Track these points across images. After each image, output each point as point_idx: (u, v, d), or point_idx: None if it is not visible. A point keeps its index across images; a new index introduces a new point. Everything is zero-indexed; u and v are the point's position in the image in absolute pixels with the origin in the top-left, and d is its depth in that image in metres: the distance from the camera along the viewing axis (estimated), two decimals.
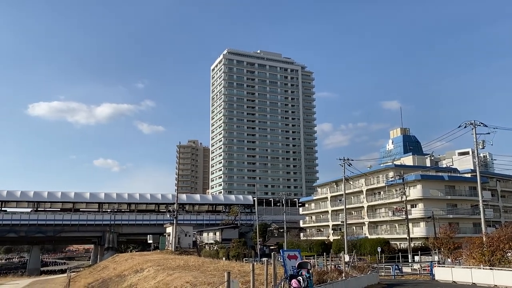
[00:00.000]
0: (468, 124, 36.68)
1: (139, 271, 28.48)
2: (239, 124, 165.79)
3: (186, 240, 61.20)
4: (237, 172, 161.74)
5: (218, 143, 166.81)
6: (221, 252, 64.69)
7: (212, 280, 17.47)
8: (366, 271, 26.21)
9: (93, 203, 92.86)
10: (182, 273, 21.07)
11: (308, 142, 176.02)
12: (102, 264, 54.02)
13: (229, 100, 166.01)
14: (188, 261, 29.81)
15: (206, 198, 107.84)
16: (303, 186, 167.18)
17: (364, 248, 55.57)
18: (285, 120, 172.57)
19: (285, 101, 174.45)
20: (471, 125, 36.55)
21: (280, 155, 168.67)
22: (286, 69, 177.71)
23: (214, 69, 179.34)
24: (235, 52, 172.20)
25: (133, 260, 37.94)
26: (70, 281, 39.46)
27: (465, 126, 36.84)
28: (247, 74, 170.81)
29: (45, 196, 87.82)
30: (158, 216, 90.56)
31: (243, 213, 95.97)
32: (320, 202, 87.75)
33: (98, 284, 32.90)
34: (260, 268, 17.51)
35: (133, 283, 24.45)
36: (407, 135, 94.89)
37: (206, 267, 24.54)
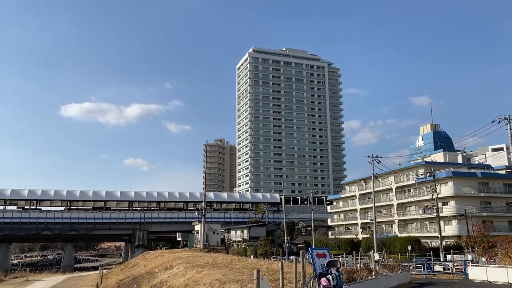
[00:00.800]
0: (502, 119, 35.42)
1: (169, 268, 28.87)
2: (265, 122, 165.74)
3: (214, 238, 61.77)
4: (263, 170, 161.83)
5: (244, 142, 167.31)
6: (249, 250, 64.89)
7: (241, 277, 17.53)
8: (396, 270, 25.76)
9: (123, 202, 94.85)
10: (211, 271, 21.24)
11: (336, 140, 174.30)
12: (132, 261, 55.10)
13: (255, 98, 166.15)
14: (217, 258, 30.03)
15: (233, 196, 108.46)
16: (331, 184, 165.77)
17: (394, 247, 54.66)
18: (311, 118, 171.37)
19: (312, 99, 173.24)
20: (505, 120, 35.28)
21: (307, 153, 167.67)
22: (312, 66, 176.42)
23: (239, 68, 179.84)
24: (261, 50, 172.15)
25: (163, 258, 38.51)
26: (102, 278, 40.44)
27: (499, 121, 35.60)
28: (273, 72, 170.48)
29: (78, 195, 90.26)
30: (187, 214, 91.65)
31: (270, 211, 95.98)
32: (348, 200, 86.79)
33: (129, 281, 33.55)
34: (288, 266, 17.45)
35: (163, 280, 24.80)
36: (438, 131, 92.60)
37: (235, 264, 24.64)
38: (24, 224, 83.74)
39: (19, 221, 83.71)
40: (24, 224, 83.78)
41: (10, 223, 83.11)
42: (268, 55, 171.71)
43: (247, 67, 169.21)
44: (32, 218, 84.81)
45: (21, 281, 46.88)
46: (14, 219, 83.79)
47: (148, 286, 24.67)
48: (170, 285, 22.01)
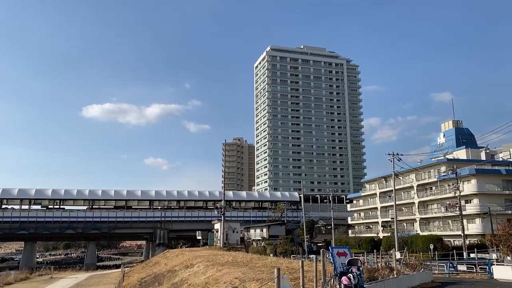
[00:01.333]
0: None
1: (189, 266, 29.08)
2: (283, 120, 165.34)
3: (233, 237, 61.98)
4: (282, 168, 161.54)
5: (263, 140, 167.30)
6: (269, 249, 64.87)
7: (261, 276, 17.52)
8: (418, 269, 25.36)
9: (144, 201, 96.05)
10: (231, 269, 21.30)
11: (355, 137, 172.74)
12: (154, 260, 55.71)
13: (272, 97, 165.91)
14: (237, 257, 30.10)
15: (252, 195, 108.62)
16: (351, 182, 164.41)
17: (416, 245, 53.87)
18: (330, 116, 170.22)
19: (330, 96, 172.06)
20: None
21: (326, 151, 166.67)
22: (330, 63, 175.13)
23: (257, 67, 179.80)
24: (278, 48, 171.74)
25: (183, 256, 38.81)
26: (124, 276, 41.01)
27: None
28: (291, 70, 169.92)
29: (99, 194, 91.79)
30: (206, 213, 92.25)
31: (290, 210, 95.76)
32: (369, 199, 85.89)
33: (150, 279, 33.93)
34: (308, 265, 17.36)
35: (184, 278, 24.99)
36: (460, 127, 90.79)
37: (254, 263, 24.65)
38: (48, 223, 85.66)
39: (43, 220, 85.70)
40: (48, 223, 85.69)
41: (35, 222, 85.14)
42: (286, 53, 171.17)
43: (265, 65, 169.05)
44: (56, 217, 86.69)
45: (46, 279, 47.95)
46: (39, 218, 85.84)
47: (169, 284, 24.90)
48: (190, 283, 22.15)
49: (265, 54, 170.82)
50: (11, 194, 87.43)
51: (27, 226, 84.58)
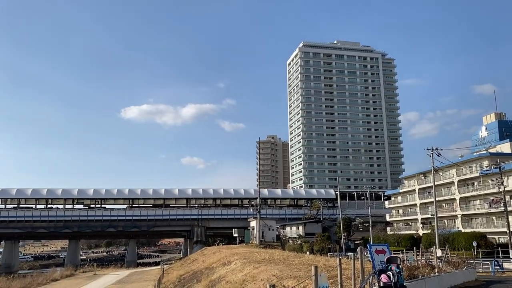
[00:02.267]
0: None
1: (226, 263, 29.36)
2: (317, 117, 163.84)
3: (269, 234, 62.07)
4: (317, 166, 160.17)
5: (297, 137, 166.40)
6: (305, 246, 64.60)
7: (298, 274, 17.48)
8: (461, 267, 24.56)
9: (181, 199, 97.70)
10: (268, 267, 21.35)
11: (392, 133, 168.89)
12: (192, 257, 56.60)
13: (306, 93, 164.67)
14: (273, 254, 30.13)
15: (287, 192, 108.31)
16: (388, 178, 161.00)
17: (458, 243, 52.17)
18: (366, 111, 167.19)
19: (365, 91, 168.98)
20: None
21: (362, 147, 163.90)
22: (365, 57, 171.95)
23: (290, 63, 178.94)
24: (311, 44, 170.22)
25: (221, 253, 39.21)
26: (163, 273, 41.93)
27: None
28: (324, 65, 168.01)
29: (139, 193, 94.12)
30: (242, 211, 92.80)
31: (326, 207, 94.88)
32: (407, 195, 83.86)
33: (189, 276, 34.50)
34: (346, 262, 17.17)
35: (222, 275, 25.26)
36: (503, 120, 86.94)
37: (291, 261, 24.61)
38: (90, 222, 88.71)
39: (85, 219, 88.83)
40: (91, 221, 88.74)
41: (78, 220, 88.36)
42: (319, 49, 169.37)
43: (298, 62, 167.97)
44: (98, 216, 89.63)
45: (90, 276, 49.68)
46: (81, 217, 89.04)
47: (207, 281, 25.24)
48: (228, 280, 22.37)
49: (297, 50, 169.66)
50: (56, 194, 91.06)
51: (71, 224, 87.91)
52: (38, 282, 40.03)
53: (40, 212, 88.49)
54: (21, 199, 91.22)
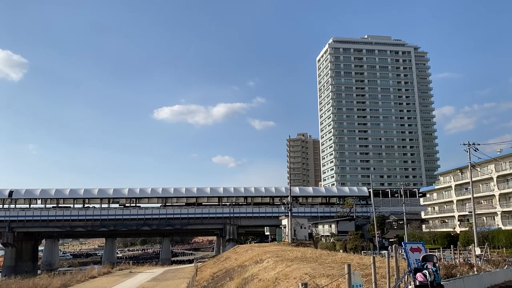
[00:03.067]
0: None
1: (259, 262, 29.40)
2: (348, 113, 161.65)
3: (301, 232, 61.73)
4: (349, 163, 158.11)
5: (328, 135, 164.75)
6: (338, 245, 63.91)
7: (331, 272, 17.28)
8: (502, 266, 23.64)
9: (213, 197, 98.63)
10: (300, 265, 21.23)
11: (426, 128, 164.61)
12: (224, 255, 57.04)
13: (336, 90, 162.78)
14: (305, 253, 29.96)
15: (319, 190, 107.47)
16: (423, 175, 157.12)
17: (498, 241, 50.31)
18: (398, 106, 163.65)
19: (398, 86, 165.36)
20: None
21: (395, 143, 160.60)
22: (397, 52, 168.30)
23: (319, 60, 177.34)
24: (341, 40, 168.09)
25: (253, 251, 39.32)
26: (197, 271, 42.48)
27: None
28: (355, 61, 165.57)
29: (172, 192, 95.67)
30: (273, 209, 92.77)
31: (358, 205, 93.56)
32: (443, 192, 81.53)
33: (222, 274, 34.77)
34: (380, 261, 16.84)
35: (254, 273, 25.31)
36: None
37: (324, 259, 24.38)
38: (126, 220, 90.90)
39: (121, 217, 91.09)
40: (126, 220, 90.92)
41: (114, 219, 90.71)
42: (349, 44, 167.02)
43: (328, 58, 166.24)
44: (133, 214, 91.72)
45: (126, 273, 50.88)
46: (117, 215, 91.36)
47: (240, 279, 25.35)
48: (261, 278, 22.38)
49: (327, 46, 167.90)
50: (92, 193, 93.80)
51: (107, 223, 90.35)
52: (77, 279, 41.32)
53: (78, 211, 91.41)
54: (60, 199, 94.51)
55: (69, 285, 37.08)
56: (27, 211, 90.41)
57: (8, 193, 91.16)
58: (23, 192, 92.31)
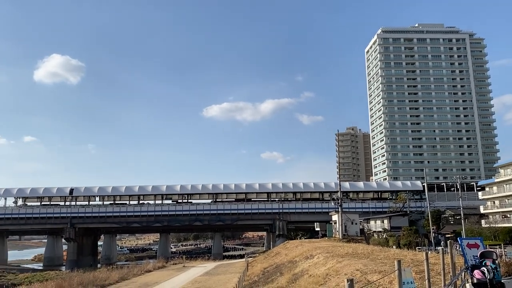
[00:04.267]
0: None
1: (309, 257, 29.22)
2: (400, 105, 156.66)
3: (353, 228, 60.69)
4: (401, 156, 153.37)
5: (379, 128, 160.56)
6: (391, 240, 62.26)
7: (383, 268, 16.86)
8: None
9: (262, 193, 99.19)
10: (351, 261, 20.88)
11: (484, 118, 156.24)
12: (274, 250, 57.23)
13: (387, 81, 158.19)
14: (357, 249, 29.41)
15: (370, 185, 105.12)
16: (481, 167, 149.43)
17: None
18: (453, 96, 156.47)
19: (452, 75, 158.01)
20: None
21: (451, 135, 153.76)
22: (450, 39, 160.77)
23: (368, 51, 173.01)
24: (390, 30, 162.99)
25: (303, 247, 39.15)
26: (248, 265, 42.95)
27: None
28: (405, 51, 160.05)
29: (221, 188, 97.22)
30: (323, 204, 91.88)
31: (412, 200, 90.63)
32: (504, 185, 77.16)
33: (272, 269, 34.91)
34: (435, 257, 16.21)
35: (305, 269, 25.21)
36: None
37: (376, 255, 23.82)
38: (178, 216, 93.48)
39: (174, 213, 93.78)
40: (179, 216, 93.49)
41: (168, 215, 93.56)
42: (399, 33, 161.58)
43: (377, 49, 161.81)
44: (185, 210, 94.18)
45: (179, 267, 52.36)
46: (170, 211, 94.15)
47: (290, 275, 25.34)
48: (311, 274, 22.24)
49: (376, 37, 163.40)
50: (146, 190, 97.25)
51: (161, 219, 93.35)
52: (134, 273, 43.02)
53: (133, 207, 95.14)
54: (116, 196, 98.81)
55: (126, 279, 38.68)
56: (86, 208, 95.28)
57: (69, 190, 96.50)
58: (83, 189, 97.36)
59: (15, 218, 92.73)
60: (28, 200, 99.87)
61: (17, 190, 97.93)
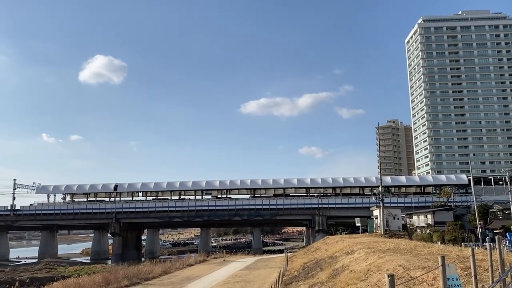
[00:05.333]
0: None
1: (349, 253, 28.86)
2: (443, 97, 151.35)
3: (395, 223, 59.34)
4: (445, 149, 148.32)
5: (421, 120, 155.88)
6: (435, 236, 60.44)
7: (427, 264, 16.39)
8: None
9: (300, 188, 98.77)
10: (393, 256, 20.45)
11: None
12: (314, 246, 56.90)
13: (429, 72, 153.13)
14: (399, 244, 28.78)
15: (412, 179, 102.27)
16: None
17: None
18: (501, 86, 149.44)
19: (499, 64, 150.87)
20: None
21: (498, 126, 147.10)
22: (497, 26, 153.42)
23: (408, 42, 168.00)
24: (431, 18, 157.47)
25: (343, 243, 38.70)
26: (288, 260, 42.92)
27: None
28: (448, 40, 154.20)
29: (260, 183, 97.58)
30: (364, 199, 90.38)
31: (457, 194, 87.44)
32: None
33: (312, 264, 34.74)
34: (482, 253, 15.60)
35: (345, 264, 24.93)
36: None
37: (419, 250, 23.22)
38: (218, 211, 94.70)
39: (214, 208, 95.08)
40: (218, 211, 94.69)
41: (208, 210, 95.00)
42: (441, 22, 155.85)
43: (418, 39, 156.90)
44: (224, 205, 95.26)
45: (220, 261, 53.08)
46: (210, 206, 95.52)
47: (330, 270, 25.12)
48: (352, 269, 21.97)
49: (416, 26, 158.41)
50: (187, 186, 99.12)
51: (202, 214, 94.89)
52: (176, 266, 43.97)
53: (174, 203, 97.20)
54: (158, 192, 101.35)
55: (169, 272, 39.59)
56: (130, 203, 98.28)
57: (114, 187, 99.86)
58: (126, 186, 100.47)
59: (63, 214, 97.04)
60: (75, 196, 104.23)
61: (65, 187, 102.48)
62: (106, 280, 29.73)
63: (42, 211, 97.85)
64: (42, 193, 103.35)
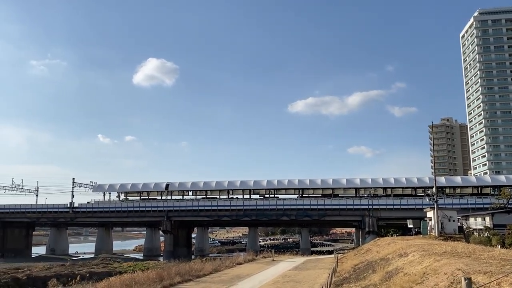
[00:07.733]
0: None
1: (403, 255, 28.05)
2: (502, 93, 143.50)
3: (450, 225, 56.96)
4: (504, 148, 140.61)
5: (477, 118, 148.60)
6: (494, 239, 57.31)
7: (489, 269, 15.58)
8: None
9: (349, 189, 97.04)
10: (450, 260, 19.64)
11: None
12: (365, 247, 55.76)
13: (486, 67, 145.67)
14: (456, 247, 27.60)
15: (468, 180, 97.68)
16: None
17: None
18: None
19: None
20: None
21: None
22: None
23: (463, 36, 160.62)
24: (488, 11, 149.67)
25: (396, 245, 37.68)
26: (337, 262, 42.33)
27: None
28: (507, 33, 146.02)
29: (308, 183, 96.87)
30: (416, 200, 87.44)
31: None
32: None
33: (363, 266, 34.07)
34: None
35: (399, 267, 24.26)
36: None
37: (478, 254, 22.15)
38: (266, 211, 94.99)
39: (262, 207, 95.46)
40: (266, 210, 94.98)
41: (255, 209, 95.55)
42: (499, 14, 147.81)
43: (473, 33, 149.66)
44: (272, 205, 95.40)
45: (269, 261, 53.20)
46: (258, 206, 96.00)
47: (383, 272, 24.53)
48: (406, 272, 21.33)
49: (472, 20, 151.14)
50: (235, 185, 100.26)
51: (249, 213, 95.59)
52: (226, 265, 44.55)
53: (223, 202, 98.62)
54: (207, 191, 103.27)
55: (219, 270, 40.19)
56: (181, 202, 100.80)
57: (165, 186, 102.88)
58: (177, 185, 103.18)
59: (118, 211, 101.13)
60: (129, 195, 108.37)
61: (119, 186, 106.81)
62: (159, 277, 30.65)
63: (99, 208, 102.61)
64: (98, 192, 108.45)
